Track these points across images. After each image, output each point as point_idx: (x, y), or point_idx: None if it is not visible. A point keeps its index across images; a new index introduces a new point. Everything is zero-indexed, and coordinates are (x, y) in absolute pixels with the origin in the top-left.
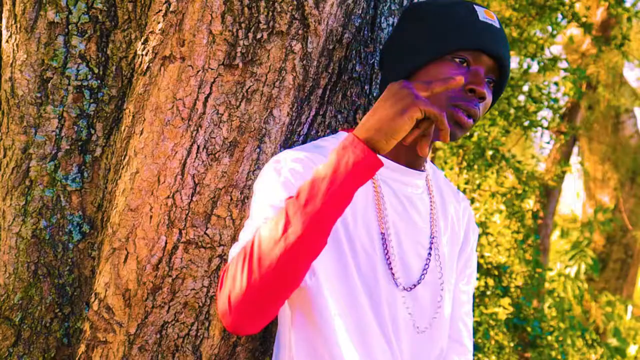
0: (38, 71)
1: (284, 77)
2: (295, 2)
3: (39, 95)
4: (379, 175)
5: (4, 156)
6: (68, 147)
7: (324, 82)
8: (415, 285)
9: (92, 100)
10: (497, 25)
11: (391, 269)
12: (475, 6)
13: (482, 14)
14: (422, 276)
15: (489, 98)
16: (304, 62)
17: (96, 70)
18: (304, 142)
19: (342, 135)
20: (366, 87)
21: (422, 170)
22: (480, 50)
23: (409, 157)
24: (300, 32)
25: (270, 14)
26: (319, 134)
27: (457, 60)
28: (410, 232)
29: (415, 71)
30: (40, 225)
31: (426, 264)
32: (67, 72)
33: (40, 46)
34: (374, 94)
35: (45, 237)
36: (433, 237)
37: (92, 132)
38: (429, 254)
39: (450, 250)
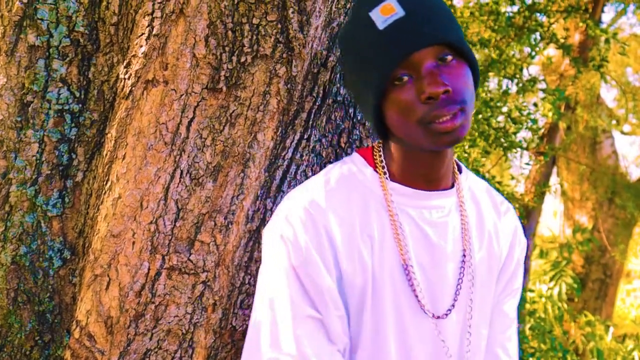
0: (18, 95)
1: (268, 100)
2: (279, 26)
3: (19, 119)
4: (396, 205)
5: None
6: (49, 172)
7: (308, 105)
8: (449, 311)
9: (73, 125)
10: (400, 13)
11: (419, 300)
12: (370, 14)
13: (379, 18)
14: (455, 301)
15: (459, 72)
16: (289, 85)
17: (77, 94)
18: (288, 167)
19: (356, 157)
20: (350, 110)
21: (448, 188)
22: (403, 58)
23: (429, 177)
24: (284, 55)
25: (255, 37)
26: (303, 157)
27: (398, 81)
28: (437, 259)
29: (379, 109)
30: (20, 251)
31: (458, 288)
32: (47, 96)
33: (20, 70)
34: (358, 117)
35: (25, 264)
36: (465, 257)
37: (74, 156)
38: (461, 276)
39: (487, 270)
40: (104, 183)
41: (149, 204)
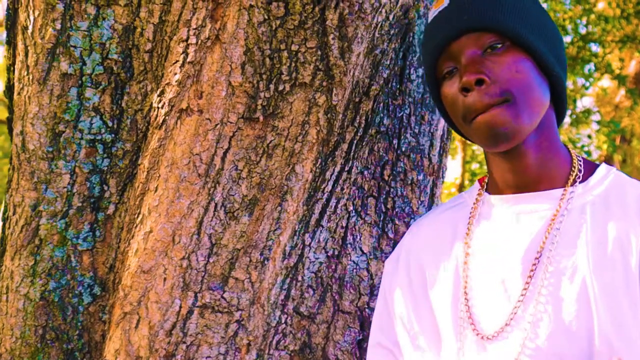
0: (50, 124)
1: (307, 131)
2: (319, 53)
3: (50, 149)
4: (483, 215)
5: (14, 213)
6: (80, 205)
7: (349, 136)
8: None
9: (105, 155)
10: (446, 4)
11: (470, 317)
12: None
13: (432, 12)
14: (511, 320)
15: (506, 60)
16: (329, 115)
17: (110, 124)
18: (328, 200)
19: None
20: (394, 141)
21: (552, 189)
22: (443, 47)
23: (512, 181)
24: (324, 83)
25: (293, 64)
26: (344, 191)
27: (447, 74)
28: (498, 275)
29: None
30: (49, 286)
31: (517, 305)
32: (80, 125)
33: (52, 98)
34: (402, 149)
35: (54, 299)
36: (535, 267)
37: (105, 188)
38: (524, 290)
39: (623, 286)
40: (136, 216)
41: (182, 239)
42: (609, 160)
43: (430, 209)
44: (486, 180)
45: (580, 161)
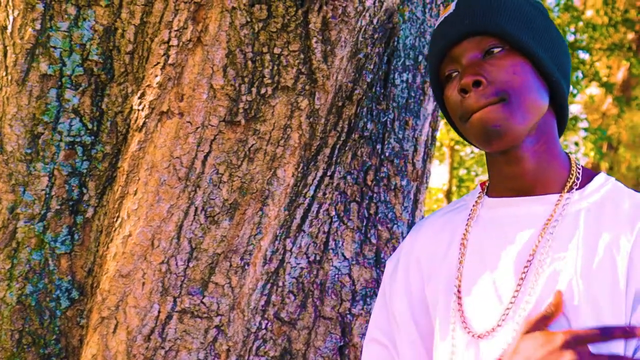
0: (29, 126)
1: (289, 135)
2: (302, 56)
3: (29, 151)
4: (481, 218)
5: None
6: (58, 207)
7: (332, 140)
8: (492, 331)
9: (84, 158)
10: (452, 9)
11: (462, 315)
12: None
13: (440, 19)
14: (503, 320)
15: (504, 63)
16: (311, 119)
17: (90, 126)
18: (310, 205)
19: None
20: (378, 146)
21: (543, 194)
22: (445, 51)
23: (510, 184)
24: (307, 87)
25: (276, 68)
26: (326, 196)
27: (448, 78)
28: (492, 276)
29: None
30: (26, 290)
31: (509, 307)
32: (59, 127)
33: (31, 99)
34: (386, 154)
35: (31, 304)
36: (527, 269)
37: (84, 191)
38: (516, 292)
39: (609, 293)
40: (115, 220)
41: (161, 243)
42: (595, 168)
43: (413, 214)
44: (487, 184)
45: (579, 168)
